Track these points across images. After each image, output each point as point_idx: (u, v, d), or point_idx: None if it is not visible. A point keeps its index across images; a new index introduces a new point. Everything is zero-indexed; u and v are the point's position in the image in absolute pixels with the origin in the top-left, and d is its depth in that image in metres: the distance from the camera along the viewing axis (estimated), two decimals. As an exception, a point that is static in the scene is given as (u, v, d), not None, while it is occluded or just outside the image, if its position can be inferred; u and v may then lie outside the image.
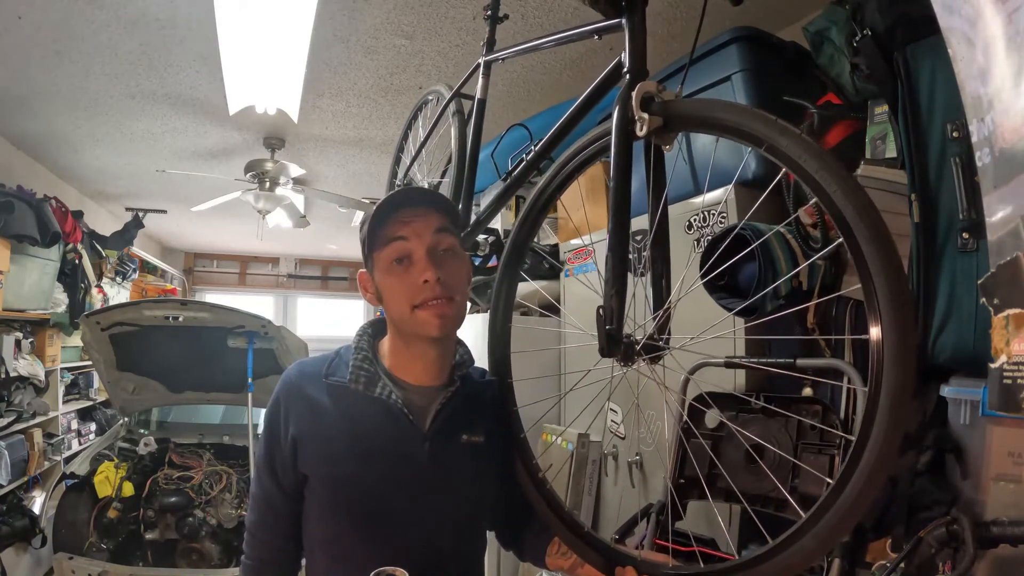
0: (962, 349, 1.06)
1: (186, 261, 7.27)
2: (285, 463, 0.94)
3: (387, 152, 3.54)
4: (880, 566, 1.02)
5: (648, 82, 0.78)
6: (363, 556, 0.86)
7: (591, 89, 0.91)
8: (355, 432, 0.93)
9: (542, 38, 1.12)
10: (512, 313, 1.09)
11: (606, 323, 0.77)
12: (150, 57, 2.45)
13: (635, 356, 0.80)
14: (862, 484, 0.59)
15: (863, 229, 0.60)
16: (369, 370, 0.96)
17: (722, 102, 0.76)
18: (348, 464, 0.92)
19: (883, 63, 1.20)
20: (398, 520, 0.93)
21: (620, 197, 0.80)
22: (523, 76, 2.60)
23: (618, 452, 1.89)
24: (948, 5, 0.84)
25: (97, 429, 4.36)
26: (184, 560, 2.85)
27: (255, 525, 0.99)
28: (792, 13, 2.02)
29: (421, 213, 0.93)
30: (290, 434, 0.93)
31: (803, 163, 0.63)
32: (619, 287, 0.78)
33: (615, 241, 0.80)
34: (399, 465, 0.93)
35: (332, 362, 0.99)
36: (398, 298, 0.93)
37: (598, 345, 0.78)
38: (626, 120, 0.78)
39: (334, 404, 0.94)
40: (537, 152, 1.08)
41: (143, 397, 3.29)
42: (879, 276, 0.59)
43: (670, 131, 0.78)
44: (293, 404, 0.95)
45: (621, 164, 0.79)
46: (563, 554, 1.02)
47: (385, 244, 0.93)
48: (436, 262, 0.92)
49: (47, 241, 3.26)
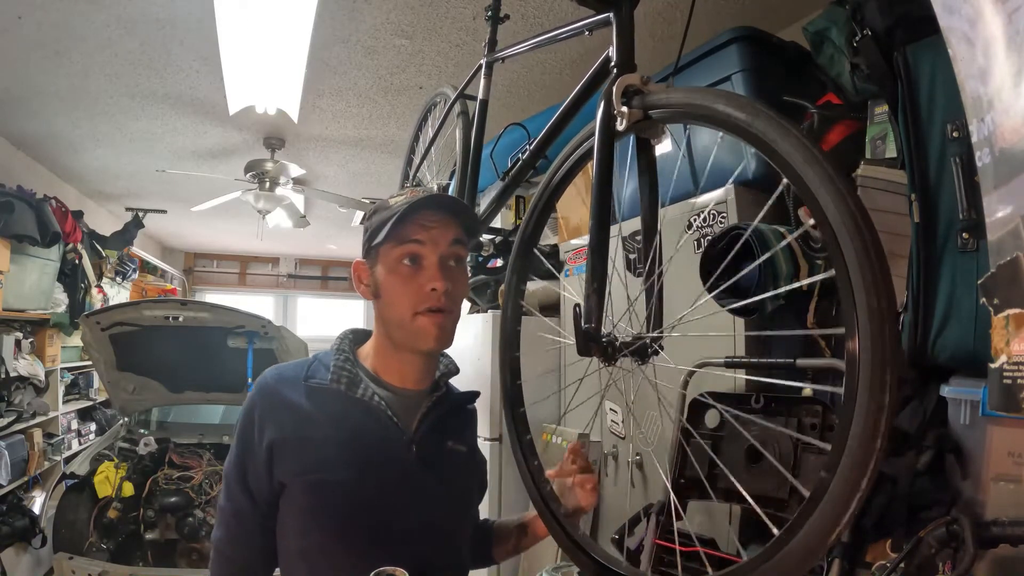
0: (962, 349, 1.06)
1: (186, 261, 7.27)
2: (259, 472, 0.89)
3: (387, 152, 3.55)
4: (880, 566, 1.02)
5: (630, 75, 0.76)
6: (348, 565, 0.83)
7: (581, 85, 0.90)
8: (339, 435, 0.90)
9: (539, 36, 1.12)
10: (521, 314, 1.08)
11: (584, 322, 0.75)
12: (150, 57, 2.45)
13: (616, 356, 0.78)
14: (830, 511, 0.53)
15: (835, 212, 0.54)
16: (351, 371, 0.93)
17: (698, 89, 0.72)
18: (334, 469, 0.88)
19: (883, 63, 1.20)
20: (386, 525, 0.89)
21: (600, 195, 0.78)
22: (523, 77, 2.60)
23: (618, 452, 1.89)
24: (948, 5, 0.84)
25: (97, 429, 4.36)
26: (184, 560, 2.86)
27: (222, 542, 0.93)
28: (792, 13, 2.02)
29: (442, 220, 0.91)
30: (265, 441, 0.89)
31: (775, 146, 0.59)
32: (598, 285, 0.76)
33: (595, 239, 0.78)
34: (386, 468, 0.90)
35: (311, 365, 0.95)
36: (400, 299, 0.90)
37: (576, 344, 0.76)
38: (608, 116, 0.77)
39: (315, 407, 0.91)
40: (532, 151, 1.07)
41: (143, 397, 3.29)
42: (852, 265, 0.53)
43: (654, 124, 0.76)
44: (270, 409, 0.91)
45: (603, 161, 0.78)
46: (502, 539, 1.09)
47: (399, 243, 0.90)
48: (448, 273, 0.90)
49: (47, 241, 3.26)
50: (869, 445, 0.51)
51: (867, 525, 1.07)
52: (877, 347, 0.51)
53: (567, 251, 2.21)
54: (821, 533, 0.54)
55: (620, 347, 0.78)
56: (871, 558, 1.08)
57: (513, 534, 1.09)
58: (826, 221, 0.55)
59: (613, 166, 0.79)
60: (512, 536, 1.09)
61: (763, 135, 0.60)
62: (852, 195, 0.55)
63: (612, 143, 0.78)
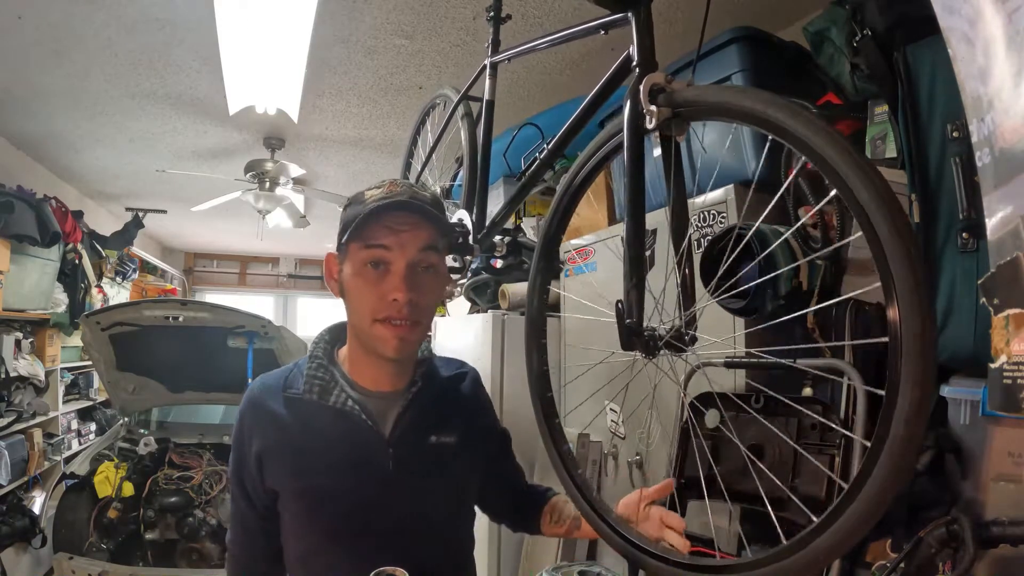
0: (962, 349, 1.06)
1: (186, 261, 7.28)
2: (254, 480, 0.91)
3: (387, 152, 3.55)
4: (880, 566, 1.02)
5: (656, 73, 0.76)
6: (345, 569, 0.84)
7: (601, 84, 0.90)
8: (317, 443, 0.90)
9: (547, 36, 1.11)
10: (546, 308, 1.04)
11: (626, 317, 0.76)
12: (150, 57, 2.45)
13: (658, 348, 0.77)
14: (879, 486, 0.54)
15: (878, 215, 0.57)
16: (323, 378, 0.93)
17: (732, 87, 0.74)
18: (314, 476, 0.89)
19: (883, 63, 1.20)
20: (374, 530, 0.90)
21: (635, 190, 0.79)
22: (524, 77, 2.60)
23: (618, 452, 1.89)
24: (948, 5, 0.84)
25: (97, 429, 4.36)
26: (184, 560, 2.86)
27: (233, 544, 0.97)
28: (792, 13, 2.02)
29: (412, 224, 0.87)
30: (254, 450, 0.91)
31: (815, 146, 0.60)
32: (637, 280, 0.77)
33: (631, 235, 0.78)
34: (365, 474, 0.90)
35: (290, 374, 0.96)
36: (361, 305, 0.88)
37: (619, 340, 0.76)
38: (637, 114, 0.77)
39: (294, 417, 0.91)
40: (550, 151, 1.06)
41: (143, 397, 3.29)
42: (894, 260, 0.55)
43: (681, 121, 0.76)
44: (255, 420, 0.93)
45: (634, 158, 0.78)
46: (556, 522, 1.05)
47: (365, 245, 0.87)
48: (412, 282, 0.87)
49: (47, 241, 3.26)
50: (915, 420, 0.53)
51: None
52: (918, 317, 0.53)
53: (567, 251, 2.22)
54: (865, 516, 0.55)
55: (661, 338, 0.77)
56: (871, 558, 1.08)
57: (567, 523, 1.06)
58: (856, 202, 0.58)
59: (644, 163, 0.79)
60: (566, 524, 1.06)
61: (794, 130, 0.62)
62: (882, 179, 0.59)
63: (642, 141, 0.78)
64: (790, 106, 0.63)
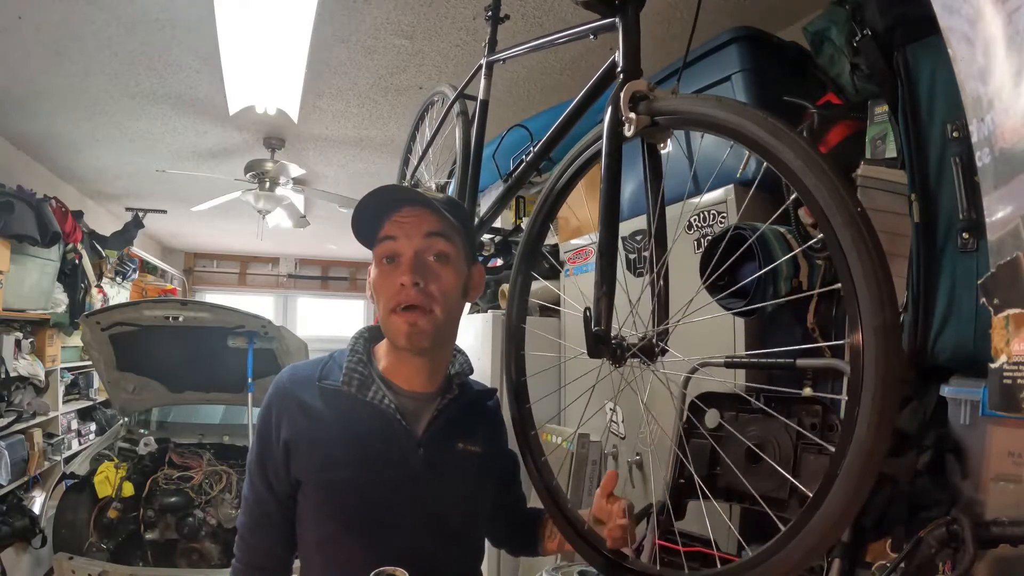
0: (962, 349, 1.06)
1: (186, 261, 7.27)
2: (278, 468, 0.92)
3: (387, 152, 3.55)
4: (880, 566, 1.02)
5: (637, 81, 0.77)
6: (360, 559, 0.85)
7: (587, 89, 0.91)
8: (349, 436, 0.92)
9: (541, 38, 1.12)
10: (526, 313, 1.07)
11: (594, 324, 0.76)
12: (150, 57, 2.45)
13: (625, 357, 0.78)
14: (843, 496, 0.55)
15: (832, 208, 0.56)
16: (363, 373, 0.94)
17: (710, 98, 0.73)
18: (342, 468, 0.90)
19: (883, 63, 1.20)
20: (393, 524, 0.92)
21: (609, 198, 0.79)
22: (523, 77, 2.60)
23: (618, 452, 1.89)
24: (948, 5, 0.84)
25: (97, 429, 4.36)
26: (184, 560, 2.86)
27: (246, 528, 0.97)
28: (792, 13, 2.02)
29: (416, 213, 0.90)
30: (282, 439, 0.92)
31: (790, 164, 0.60)
32: (607, 288, 0.77)
33: (604, 242, 0.78)
34: (393, 470, 0.92)
35: (326, 365, 0.96)
36: (380, 298, 0.91)
37: (586, 347, 0.76)
38: (616, 122, 0.77)
39: (328, 408, 0.92)
40: (536, 153, 1.08)
41: (143, 397, 3.29)
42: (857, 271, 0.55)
43: (660, 129, 0.77)
44: (285, 409, 0.93)
45: (611, 165, 0.79)
46: (551, 537, 1.07)
47: (378, 241, 0.92)
48: (418, 268, 0.88)
49: (47, 241, 3.26)
50: (873, 449, 0.53)
51: (867, 525, 1.08)
52: (881, 362, 0.54)
53: (567, 251, 2.21)
54: (824, 532, 0.55)
55: (628, 348, 0.78)
56: (871, 558, 1.08)
57: (557, 537, 1.07)
58: (829, 226, 0.57)
59: (621, 171, 0.79)
60: (557, 538, 1.07)
61: (765, 143, 0.62)
62: (853, 196, 0.57)
63: (620, 148, 0.79)
64: (758, 116, 0.63)
